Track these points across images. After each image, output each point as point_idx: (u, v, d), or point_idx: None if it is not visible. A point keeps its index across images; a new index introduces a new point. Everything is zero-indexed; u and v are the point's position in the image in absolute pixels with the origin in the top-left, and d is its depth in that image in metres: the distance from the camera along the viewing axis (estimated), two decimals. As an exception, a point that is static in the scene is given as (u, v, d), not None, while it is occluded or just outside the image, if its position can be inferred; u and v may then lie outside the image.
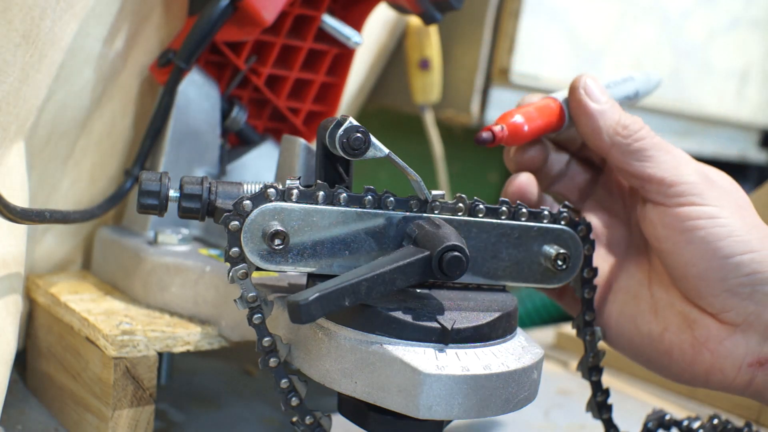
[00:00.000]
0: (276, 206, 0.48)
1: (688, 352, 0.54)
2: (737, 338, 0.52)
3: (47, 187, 0.68)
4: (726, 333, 0.52)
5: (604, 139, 0.55)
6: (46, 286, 0.65)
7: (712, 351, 0.53)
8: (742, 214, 0.53)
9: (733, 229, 0.51)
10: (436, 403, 0.45)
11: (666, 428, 0.63)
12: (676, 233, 0.53)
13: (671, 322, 0.55)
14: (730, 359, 0.52)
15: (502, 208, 0.53)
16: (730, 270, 0.51)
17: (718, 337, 0.53)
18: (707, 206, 0.52)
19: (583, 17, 1.01)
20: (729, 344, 0.52)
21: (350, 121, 0.49)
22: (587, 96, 0.56)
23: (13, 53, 0.56)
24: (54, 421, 0.63)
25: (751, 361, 0.52)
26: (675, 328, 0.55)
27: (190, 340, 0.59)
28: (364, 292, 0.45)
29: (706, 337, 0.53)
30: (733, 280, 0.51)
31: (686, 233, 0.52)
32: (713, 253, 0.51)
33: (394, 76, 1.01)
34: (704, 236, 0.52)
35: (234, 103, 0.71)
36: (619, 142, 0.55)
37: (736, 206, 0.53)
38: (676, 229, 0.53)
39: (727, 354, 0.52)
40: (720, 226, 0.51)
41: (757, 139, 1.36)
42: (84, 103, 0.68)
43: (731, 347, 0.52)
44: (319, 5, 0.70)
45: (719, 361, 0.53)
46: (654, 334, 0.56)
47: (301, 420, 0.51)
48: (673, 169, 0.53)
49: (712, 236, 0.51)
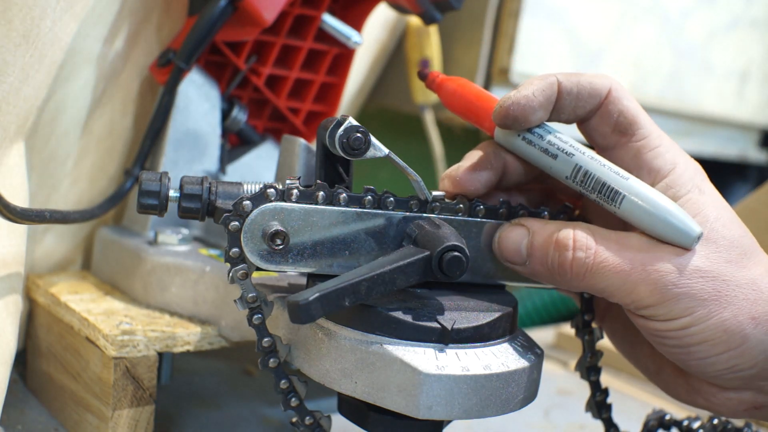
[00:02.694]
0: (276, 206, 0.48)
1: (683, 394, 0.54)
2: (730, 394, 0.51)
3: (47, 187, 0.68)
4: (717, 390, 0.52)
5: (557, 287, 0.53)
6: (46, 286, 0.65)
7: (706, 399, 0.52)
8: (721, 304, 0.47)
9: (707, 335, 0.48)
10: (436, 403, 0.45)
11: (666, 428, 0.63)
12: (649, 336, 0.50)
13: (666, 364, 0.54)
14: (725, 407, 0.52)
15: (502, 208, 0.53)
16: (707, 366, 0.49)
17: (710, 391, 0.52)
18: (677, 320, 0.48)
19: (583, 17, 1.01)
20: (722, 398, 0.52)
21: (350, 121, 0.49)
22: (511, 263, 0.52)
23: (13, 53, 0.56)
24: (54, 421, 0.63)
25: (747, 407, 0.52)
26: (670, 371, 0.54)
27: (190, 340, 0.59)
28: (364, 292, 0.45)
29: (698, 387, 0.52)
30: (712, 373, 0.50)
31: (659, 339, 0.50)
32: (687, 356, 0.49)
33: (394, 76, 1.01)
34: (677, 344, 0.49)
35: (234, 103, 0.71)
36: (565, 287, 0.51)
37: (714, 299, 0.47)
38: (647, 333, 0.50)
39: (721, 404, 0.52)
40: (692, 335, 0.48)
41: (757, 139, 1.36)
42: (84, 103, 0.68)
43: (725, 401, 0.52)
44: (319, 5, 0.70)
45: (714, 407, 0.52)
46: (651, 370, 0.56)
47: (300, 420, 0.51)
48: (629, 296, 0.48)
49: (685, 343, 0.49)
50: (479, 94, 0.54)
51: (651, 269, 0.47)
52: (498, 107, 0.50)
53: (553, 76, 0.50)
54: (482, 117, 0.54)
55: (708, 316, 0.47)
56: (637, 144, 0.51)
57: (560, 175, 0.51)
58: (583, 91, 0.51)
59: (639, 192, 0.48)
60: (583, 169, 0.50)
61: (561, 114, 0.51)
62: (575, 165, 0.50)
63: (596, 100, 0.51)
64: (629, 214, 0.48)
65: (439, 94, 0.56)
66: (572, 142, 0.51)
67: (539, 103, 0.50)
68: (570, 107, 0.51)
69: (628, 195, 0.48)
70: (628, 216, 0.49)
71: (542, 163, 0.51)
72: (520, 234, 0.51)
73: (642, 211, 0.48)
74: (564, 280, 0.49)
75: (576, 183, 0.50)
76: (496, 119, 0.51)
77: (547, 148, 0.51)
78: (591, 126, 0.52)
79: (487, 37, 0.96)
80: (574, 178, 0.50)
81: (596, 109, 0.51)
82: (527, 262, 0.51)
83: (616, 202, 0.49)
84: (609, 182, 0.49)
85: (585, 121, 0.52)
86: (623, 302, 0.49)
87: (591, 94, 0.51)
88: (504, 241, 0.51)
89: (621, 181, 0.49)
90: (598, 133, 0.52)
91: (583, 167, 0.50)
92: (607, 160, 0.50)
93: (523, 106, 0.50)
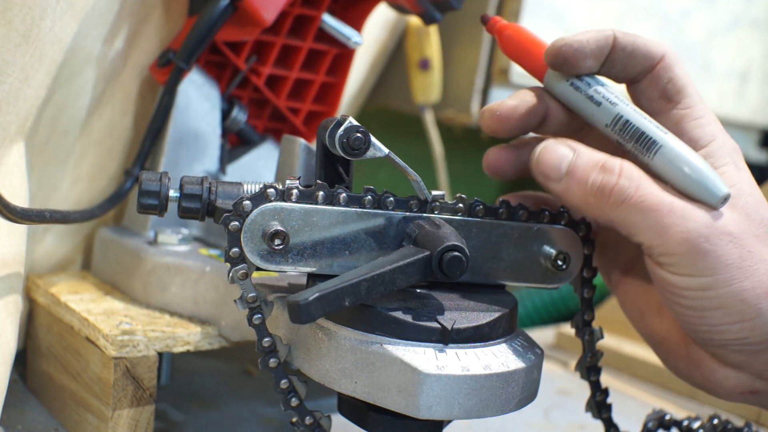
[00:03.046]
0: (276, 206, 0.48)
1: (682, 367, 0.54)
2: (728, 372, 0.51)
3: (47, 187, 0.68)
4: (717, 366, 0.52)
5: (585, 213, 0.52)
6: (46, 286, 0.65)
7: (704, 376, 0.52)
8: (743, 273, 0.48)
9: (724, 300, 0.48)
10: (436, 403, 0.45)
11: (666, 428, 0.63)
12: (665, 293, 0.50)
13: (671, 333, 0.54)
14: (722, 387, 0.52)
15: (502, 208, 0.53)
16: (717, 334, 0.49)
17: (710, 367, 0.52)
18: (699, 278, 0.48)
19: (583, 17, 1.01)
20: (720, 375, 0.52)
21: (350, 121, 0.49)
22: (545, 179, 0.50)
23: (13, 53, 0.56)
24: (54, 421, 0.63)
25: (743, 390, 0.52)
26: (674, 340, 0.54)
27: (190, 340, 0.59)
28: (364, 292, 0.45)
29: (699, 361, 0.52)
30: (720, 341, 0.50)
31: (675, 297, 0.49)
32: (699, 320, 0.49)
33: (394, 76, 1.01)
34: (692, 305, 0.49)
35: (234, 103, 0.71)
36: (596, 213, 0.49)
37: (737, 266, 0.47)
38: (665, 290, 0.50)
39: (719, 383, 0.52)
40: (709, 298, 0.48)
41: (757, 139, 1.36)
42: (84, 103, 0.68)
43: (722, 378, 0.52)
44: (319, 5, 0.70)
45: (710, 385, 0.52)
46: (655, 337, 0.56)
47: (300, 420, 0.51)
48: (659, 239, 0.47)
49: (698, 306, 0.49)
50: (533, 39, 0.56)
51: (688, 217, 0.47)
52: (550, 46, 0.52)
53: (610, 30, 0.51)
54: (533, 61, 0.55)
55: (729, 281, 0.47)
56: (681, 112, 0.52)
57: (600, 124, 0.52)
58: (637, 51, 0.52)
59: (674, 144, 0.49)
60: (624, 118, 0.51)
61: (612, 69, 0.52)
62: (617, 114, 0.51)
63: (649, 62, 0.52)
64: (662, 165, 0.49)
65: (498, 39, 0.57)
66: (617, 94, 0.52)
67: (591, 51, 0.51)
68: (622, 64, 0.52)
69: (663, 146, 0.49)
70: (661, 168, 0.49)
71: (585, 109, 0.52)
72: (564, 151, 0.50)
73: (675, 163, 0.49)
74: (599, 204, 0.48)
75: (615, 131, 0.51)
76: (547, 58, 0.52)
77: (592, 95, 0.52)
78: (640, 89, 0.53)
79: (487, 37, 0.96)
80: (614, 126, 0.51)
81: (648, 71, 0.52)
82: (563, 180, 0.49)
83: (651, 152, 0.50)
84: (647, 132, 0.50)
85: (635, 83, 0.53)
86: (649, 243, 0.48)
87: (645, 56, 0.52)
88: (546, 153, 0.50)
89: (659, 132, 0.50)
90: (646, 97, 0.53)
91: (624, 116, 0.51)
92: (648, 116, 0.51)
93: (575, 50, 0.51)
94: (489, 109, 0.54)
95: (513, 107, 0.54)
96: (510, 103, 0.54)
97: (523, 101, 0.54)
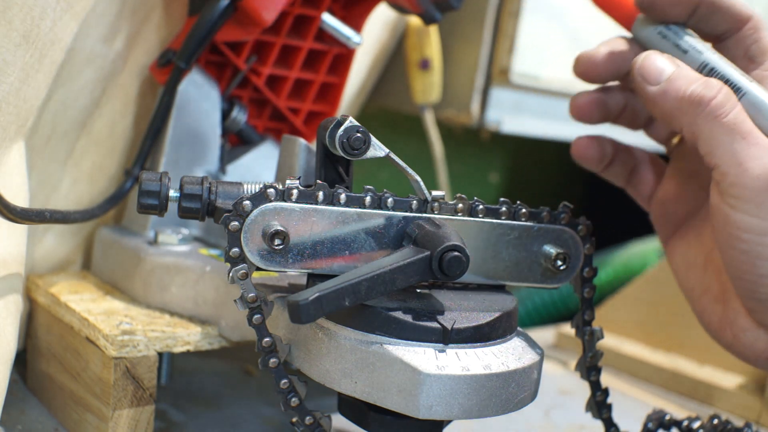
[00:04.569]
0: (276, 206, 0.48)
1: (715, 323, 0.55)
2: (759, 333, 0.52)
3: (47, 187, 0.68)
4: (750, 325, 0.52)
5: (673, 121, 0.51)
6: (46, 286, 0.65)
7: (735, 335, 0.53)
8: None
9: None
10: (437, 403, 0.45)
11: (666, 428, 0.63)
12: (723, 232, 0.50)
13: (712, 287, 0.55)
14: (750, 349, 0.53)
15: (502, 208, 0.53)
16: (762, 286, 0.50)
17: (742, 326, 0.53)
18: (758, 219, 0.48)
19: (583, 17, 1.01)
20: (751, 336, 0.52)
21: (350, 121, 0.49)
22: (644, 80, 0.52)
23: (13, 53, 0.56)
24: (54, 421, 0.63)
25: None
26: (713, 295, 0.55)
27: (190, 340, 0.59)
28: (364, 292, 0.45)
29: (733, 319, 0.53)
30: (763, 294, 0.50)
31: (731, 239, 0.49)
32: (749, 267, 0.49)
33: (394, 76, 1.01)
34: (747, 249, 0.49)
35: (234, 103, 0.71)
36: (686, 122, 0.50)
37: None
38: (724, 229, 0.50)
39: (747, 344, 0.53)
40: (763, 245, 0.48)
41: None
42: (84, 103, 0.68)
43: (752, 339, 0.52)
44: (319, 5, 0.70)
45: (739, 346, 0.53)
46: (696, 291, 0.57)
47: (300, 420, 0.51)
48: (737, 166, 0.48)
49: (753, 253, 0.49)
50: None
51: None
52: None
53: None
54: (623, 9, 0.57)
55: None
56: (763, 73, 0.53)
57: None
58: (725, 7, 0.53)
59: (759, 92, 0.51)
60: (710, 65, 0.53)
61: (699, 23, 0.54)
62: (703, 61, 0.53)
63: (736, 21, 0.54)
64: (747, 109, 0.50)
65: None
66: (704, 43, 0.54)
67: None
68: (710, 19, 0.54)
69: (748, 92, 0.51)
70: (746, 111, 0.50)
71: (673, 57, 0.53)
72: (668, 62, 0.52)
73: (760, 108, 0.50)
74: (693, 112, 0.49)
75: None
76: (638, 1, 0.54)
77: (679, 43, 0.54)
78: (726, 47, 0.55)
79: (487, 37, 0.96)
80: (701, 72, 0.52)
81: (735, 31, 0.54)
82: (662, 84, 0.51)
83: (737, 96, 0.51)
84: (732, 78, 0.52)
85: (721, 41, 0.55)
86: (726, 169, 0.48)
87: (732, 13, 0.53)
88: (651, 58, 0.52)
89: (744, 80, 0.52)
90: (730, 56, 0.54)
91: (710, 63, 0.53)
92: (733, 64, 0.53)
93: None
94: (584, 54, 0.57)
95: (606, 52, 0.56)
96: (603, 48, 0.56)
97: (616, 47, 0.56)
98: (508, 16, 0.95)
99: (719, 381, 0.82)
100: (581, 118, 0.59)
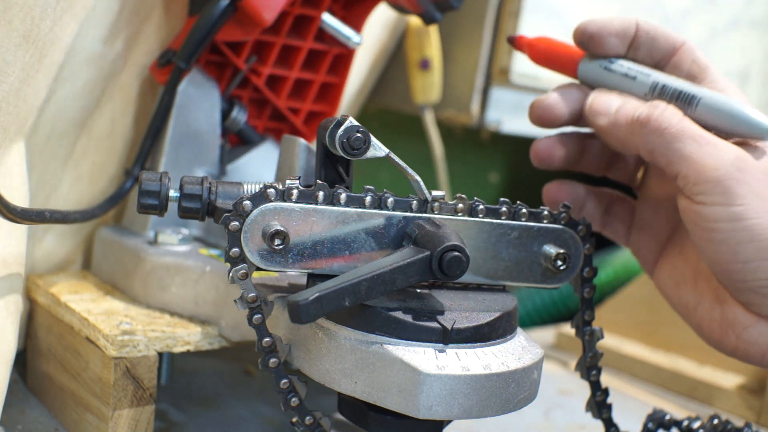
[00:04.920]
0: (276, 206, 0.48)
1: (716, 330, 0.55)
2: (762, 327, 0.52)
3: (47, 187, 0.68)
4: (751, 320, 0.53)
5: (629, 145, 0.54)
6: (46, 286, 0.65)
7: (738, 335, 0.53)
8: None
9: (755, 233, 0.49)
10: (436, 403, 0.45)
11: (666, 428, 0.63)
12: (698, 230, 0.51)
13: (706, 296, 0.56)
14: (755, 346, 0.53)
15: (502, 208, 0.53)
16: (749, 273, 0.50)
17: (743, 323, 0.53)
18: (731, 206, 0.49)
19: (583, 17, 1.01)
20: (754, 332, 0.53)
21: (350, 121, 0.49)
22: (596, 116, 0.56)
23: (13, 53, 0.56)
24: (54, 421, 0.63)
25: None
26: (708, 303, 0.55)
27: (190, 340, 0.59)
28: (364, 292, 0.45)
29: (733, 320, 0.53)
30: (753, 282, 0.51)
31: (707, 233, 0.51)
32: (732, 257, 0.50)
33: (394, 76, 1.01)
34: (724, 239, 0.50)
35: (234, 103, 0.71)
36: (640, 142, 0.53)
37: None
38: (699, 226, 0.51)
39: (752, 341, 0.53)
40: (741, 229, 0.49)
41: (757, 139, 1.36)
42: (84, 103, 0.68)
43: (756, 335, 0.53)
44: (319, 5, 0.70)
45: (744, 345, 0.53)
46: (689, 306, 0.57)
47: (300, 420, 0.51)
48: (695, 166, 0.50)
49: (733, 240, 0.50)
50: (559, 43, 0.61)
51: (722, 148, 0.50)
52: (578, 26, 0.58)
53: (633, 17, 0.56)
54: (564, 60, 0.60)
55: (760, 212, 0.49)
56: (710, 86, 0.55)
57: (640, 94, 0.56)
58: (660, 36, 0.57)
59: (713, 93, 0.54)
60: (661, 83, 0.55)
61: (637, 53, 0.57)
62: (653, 81, 0.56)
63: (671, 47, 0.57)
64: (706, 113, 0.53)
65: (528, 52, 0.63)
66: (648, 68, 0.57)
67: (615, 30, 0.56)
68: (646, 47, 0.57)
69: (703, 96, 0.53)
70: (705, 115, 0.53)
71: (622, 86, 0.57)
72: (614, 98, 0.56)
73: (717, 108, 0.53)
74: (642, 131, 0.52)
75: (654, 97, 0.55)
76: (575, 36, 0.58)
77: (626, 72, 0.57)
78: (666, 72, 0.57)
79: (487, 37, 0.96)
80: (653, 92, 0.55)
81: (671, 55, 0.57)
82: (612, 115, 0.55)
83: (693, 105, 0.53)
84: (685, 89, 0.54)
85: (660, 68, 0.57)
86: (686, 172, 0.51)
87: (667, 41, 0.57)
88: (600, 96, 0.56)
89: (695, 88, 0.54)
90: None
91: (660, 82, 0.55)
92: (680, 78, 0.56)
93: (600, 26, 0.57)
94: (537, 99, 0.59)
95: (558, 96, 0.58)
96: (554, 93, 0.58)
97: (566, 90, 0.58)
98: (508, 16, 0.95)
99: (719, 381, 0.82)
100: (542, 163, 0.61)
